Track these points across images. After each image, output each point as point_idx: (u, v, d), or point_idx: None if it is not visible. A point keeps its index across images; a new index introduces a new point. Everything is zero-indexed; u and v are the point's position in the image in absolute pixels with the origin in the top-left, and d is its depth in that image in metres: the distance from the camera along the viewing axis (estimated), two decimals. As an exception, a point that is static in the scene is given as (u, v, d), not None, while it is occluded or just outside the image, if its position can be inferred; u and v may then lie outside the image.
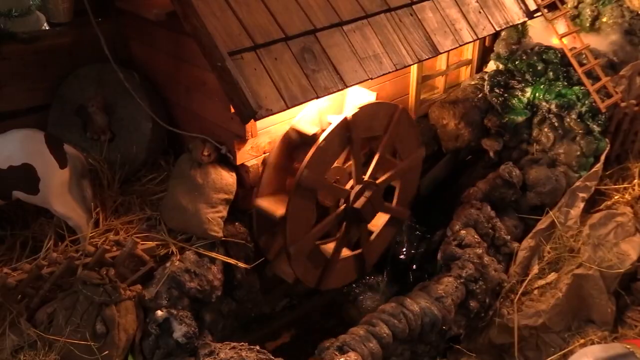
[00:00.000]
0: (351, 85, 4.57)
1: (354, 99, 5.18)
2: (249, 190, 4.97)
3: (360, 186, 5.02)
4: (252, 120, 4.12)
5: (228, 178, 4.79)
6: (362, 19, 4.77)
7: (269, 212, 4.85)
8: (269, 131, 4.92)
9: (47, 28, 5.35)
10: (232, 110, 4.28)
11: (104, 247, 4.43)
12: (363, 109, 4.84)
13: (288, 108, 4.17)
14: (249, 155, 4.87)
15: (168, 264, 4.57)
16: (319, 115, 5.11)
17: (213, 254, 4.74)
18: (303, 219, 4.81)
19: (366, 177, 5.06)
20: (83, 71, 5.30)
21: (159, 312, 4.34)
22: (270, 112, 4.06)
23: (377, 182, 5.13)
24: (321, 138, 4.63)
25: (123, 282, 4.44)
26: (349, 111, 4.76)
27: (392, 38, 4.86)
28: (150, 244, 4.70)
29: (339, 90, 4.49)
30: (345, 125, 4.74)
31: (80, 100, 5.20)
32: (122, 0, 5.17)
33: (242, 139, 4.73)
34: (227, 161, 4.86)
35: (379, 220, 5.52)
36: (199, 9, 4.06)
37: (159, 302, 4.43)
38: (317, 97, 4.34)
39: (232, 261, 4.80)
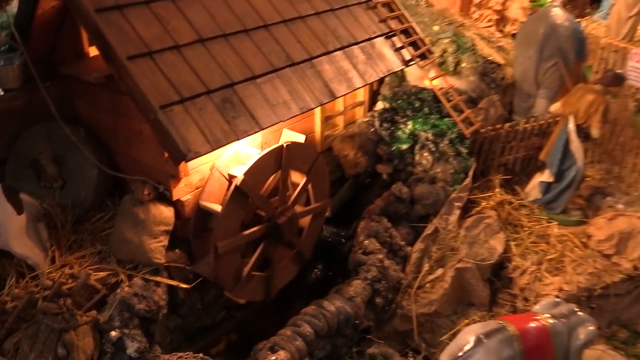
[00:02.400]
0: (266, 127, 4.52)
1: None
2: (185, 221, 4.80)
3: (273, 217, 4.94)
4: (184, 162, 4.02)
5: (167, 212, 4.65)
6: (271, 73, 4.77)
7: (210, 208, 4.71)
8: (199, 170, 4.81)
9: (1, 93, 5.06)
10: (166, 154, 4.15)
11: (61, 280, 4.26)
12: (295, 143, 4.86)
13: (213, 150, 4.11)
14: (184, 192, 4.73)
15: (118, 290, 4.39)
16: (218, 169, 4.99)
17: (157, 278, 4.58)
18: (234, 221, 4.65)
19: (277, 208, 4.99)
20: (34, 129, 5.07)
21: (113, 333, 4.18)
22: (198, 154, 3.99)
23: (289, 204, 5.06)
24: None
25: (79, 309, 4.24)
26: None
27: (297, 87, 4.86)
28: (102, 274, 4.52)
29: (256, 132, 4.45)
30: (280, 151, 4.72)
31: (33, 155, 5.00)
32: (66, 67, 4.98)
33: (177, 178, 4.60)
34: (165, 198, 4.70)
35: (286, 256, 5.41)
36: (132, 71, 3.96)
37: (113, 324, 4.23)
38: (238, 139, 4.30)
39: (174, 283, 4.65)
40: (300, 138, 5.23)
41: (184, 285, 4.69)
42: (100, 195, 5.08)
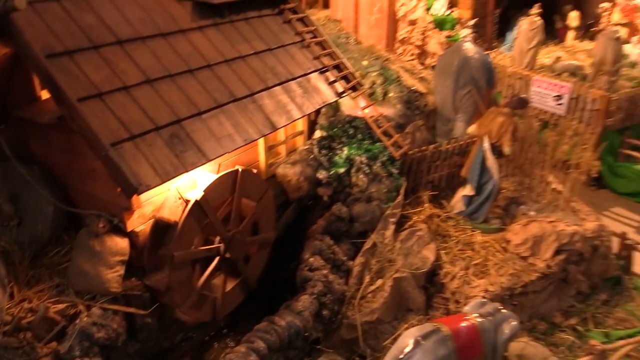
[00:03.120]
0: (213, 159, 4.56)
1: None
2: (140, 251, 4.73)
3: (226, 239, 4.95)
4: (136, 195, 3.99)
5: (122, 243, 4.58)
6: (216, 108, 4.82)
7: (168, 219, 4.64)
8: (152, 201, 4.77)
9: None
10: (119, 189, 4.10)
11: (20, 315, 4.12)
12: (208, 188, 4.74)
13: (164, 182, 4.10)
14: (138, 223, 4.68)
15: (77, 321, 4.29)
16: (177, 191, 4.96)
17: (115, 307, 4.50)
18: (190, 234, 4.63)
19: (229, 230, 5.02)
20: (-11, 170, 4.91)
21: (74, 362, 4.05)
22: (149, 187, 3.97)
23: (240, 228, 5.09)
24: (179, 223, 4.55)
25: (40, 342, 4.12)
26: (197, 194, 4.67)
27: (240, 121, 4.93)
28: (61, 306, 4.41)
29: (203, 164, 4.47)
30: (197, 205, 4.66)
31: (-12, 195, 4.82)
32: (19, 109, 4.87)
33: (130, 211, 4.56)
34: (120, 229, 4.63)
35: (233, 281, 5.39)
36: (83, 112, 3.94)
37: (73, 354, 4.13)
38: (187, 171, 4.30)
39: (132, 310, 4.58)
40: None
41: (142, 312, 4.62)
42: (56, 231, 4.95)
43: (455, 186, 6.87)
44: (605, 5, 13.10)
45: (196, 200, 4.56)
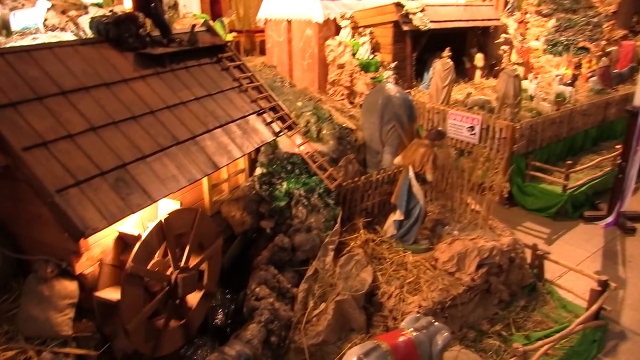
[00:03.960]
0: (158, 200, 4.45)
1: (165, 207, 5.01)
2: (89, 293, 4.51)
3: (178, 271, 4.80)
4: (83, 239, 3.82)
5: (70, 286, 4.35)
6: (160, 152, 4.73)
7: (107, 299, 4.43)
8: (100, 243, 4.59)
9: None
10: (66, 233, 3.92)
11: None
12: (172, 214, 4.70)
13: (110, 225, 3.95)
14: (86, 265, 4.47)
15: (27, 367, 3.98)
16: (141, 220, 4.87)
17: (66, 350, 4.22)
18: (135, 301, 4.40)
19: (181, 264, 4.86)
20: None
21: (23, 409, 3.74)
22: (96, 231, 3.82)
23: (191, 266, 4.94)
24: (142, 237, 4.39)
25: (-14, 392, 3.77)
26: (163, 215, 4.57)
27: (184, 162, 4.86)
28: (10, 353, 4.09)
29: (149, 205, 4.35)
30: (160, 227, 4.55)
31: None
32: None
33: (78, 254, 4.34)
34: (68, 273, 4.40)
35: (196, 296, 5.23)
36: (28, 161, 3.78)
37: (23, 401, 3.80)
38: (133, 213, 4.17)
39: (83, 352, 4.31)
40: (177, 205, 5.14)
41: (93, 353, 4.37)
42: (4, 278, 4.63)
43: (386, 212, 7.02)
44: (504, 47, 14.04)
45: (161, 221, 4.43)
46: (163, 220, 4.51)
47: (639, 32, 17.85)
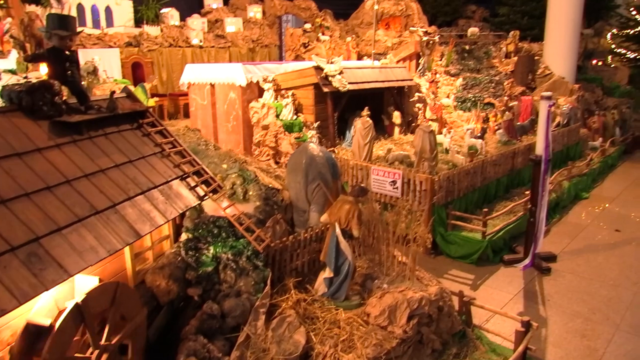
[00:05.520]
0: (75, 274, 4.21)
1: (82, 284, 4.73)
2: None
3: (98, 350, 4.49)
4: (-11, 322, 3.52)
5: (-27, 376, 3.93)
6: (76, 223, 4.52)
7: (40, 324, 4.12)
8: (10, 325, 4.23)
9: None
10: (-31, 317, 3.60)
11: None
12: (90, 293, 4.40)
13: (21, 304, 3.66)
14: (-8, 351, 4.08)
15: None
16: (55, 302, 4.55)
17: None
18: (65, 339, 4.06)
19: (102, 342, 4.56)
20: None
21: None
22: (5, 312, 3.52)
23: (112, 343, 4.65)
24: (57, 325, 4.07)
25: None
26: (79, 297, 4.28)
27: (103, 232, 4.67)
28: None
29: (65, 280, 4.10)
30: (77, 309, 4.25)
31: None
32: None
33: (-17, 339, 3.97)
34: (-30, 362, 4.00)
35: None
36: None
37: None
38: (47, 290, 3.90)
39: None
40: (94, 280, 4.87)
41: None
42: None
43: (317, 270, 7.03)
44: (419, 105, 15.00)
45: (77, 303, 4.13)
46: (80, 302, 4.21)
47: (535, 88, 19.83)
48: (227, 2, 27.37)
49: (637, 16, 25.85)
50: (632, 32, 25.80)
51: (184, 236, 6.40)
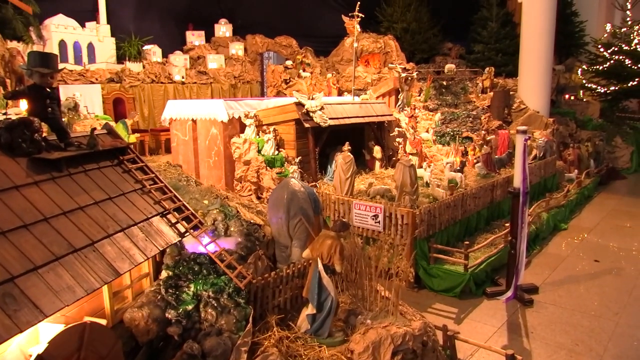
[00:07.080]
0: (51, 315, 4.11)
1: (46, 332, 4.57)
2: None
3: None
4: (-41, 367, 3.40)
5: None
6: (53, 262, 4.45)
7: None
8: (-21, 371, 4.08)
9: None
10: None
11: None
12: (52, 342, 4.19)
13: (-6, 348, 3.55)
14: (-40, 399, 3.92)
15: None
16: (20, 349, 4.39)
17: None
18: None
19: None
20: None
21: None
22: (-24, 356, 3.41)
23: (88, 385, 4.49)
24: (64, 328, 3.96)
25: None
26: (42, 347, 4.12)
27: (81, 271, 4.60)
28: None
29: (40, 321, 4.00)
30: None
31: None
32: None
33: (-49, 386, 3.81)
34: (-64, 411, 3.82)
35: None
36: None
37: None
38: (21, 332, 3.80)
39: None
40: (59, 327, 4.66)
41: None
42: None
43: (299, 307, 6.93)
44: (399, 140, 15.24)
45: (39, 355, 3.98)
46: (42, 353, 4.03)
47: (511, 122, 20.36)
48: (210, 39, 27.78)
49: (604, 53, 26.92)
50: (601, 67, 26.81)
51: (164, 274, 6.29)
